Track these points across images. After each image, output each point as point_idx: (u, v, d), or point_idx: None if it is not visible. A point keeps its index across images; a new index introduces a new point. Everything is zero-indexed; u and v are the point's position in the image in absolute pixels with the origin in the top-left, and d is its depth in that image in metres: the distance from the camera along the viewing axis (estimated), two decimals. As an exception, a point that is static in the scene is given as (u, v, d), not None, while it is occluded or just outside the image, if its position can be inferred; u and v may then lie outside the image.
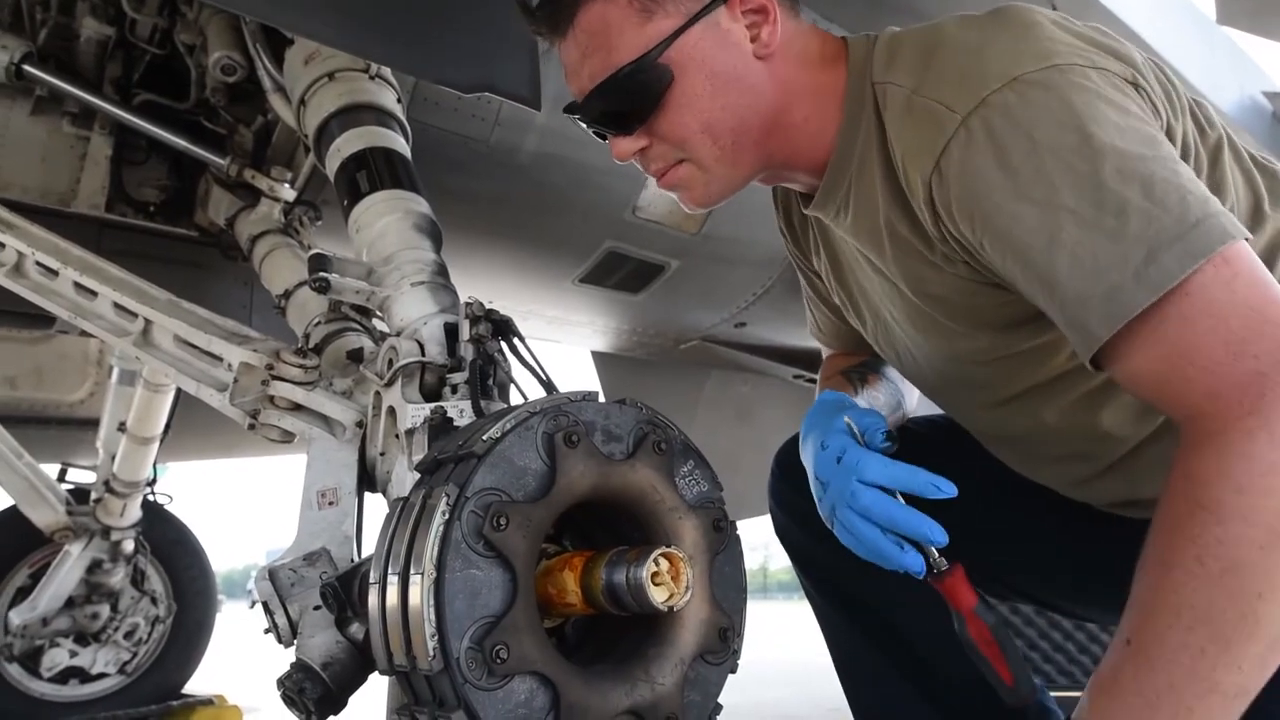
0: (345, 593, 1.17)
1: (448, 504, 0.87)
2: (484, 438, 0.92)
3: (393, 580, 0.89)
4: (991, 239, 0.91)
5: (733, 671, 1.03)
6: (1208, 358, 0.79)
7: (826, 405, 1.18)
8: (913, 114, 0.97)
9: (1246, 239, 0.82)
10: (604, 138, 1.13)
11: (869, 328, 1.28)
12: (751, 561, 1.12)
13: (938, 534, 0.98)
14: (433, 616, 0.84)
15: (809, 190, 1.17)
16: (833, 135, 1.08)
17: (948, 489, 0.98)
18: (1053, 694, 1.36)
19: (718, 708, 1.01)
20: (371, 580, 0.93)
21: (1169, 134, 0.94)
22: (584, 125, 1.13)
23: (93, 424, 3.62)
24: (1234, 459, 0.75)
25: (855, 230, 1.13)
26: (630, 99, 1.05)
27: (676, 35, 1.02)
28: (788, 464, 1.42)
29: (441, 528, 0.86)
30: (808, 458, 1.16)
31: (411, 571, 0.87)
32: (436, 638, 0.83)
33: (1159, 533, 0.79)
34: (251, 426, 1.50)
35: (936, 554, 1.00)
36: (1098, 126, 0.85)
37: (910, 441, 1.16)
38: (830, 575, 1.38)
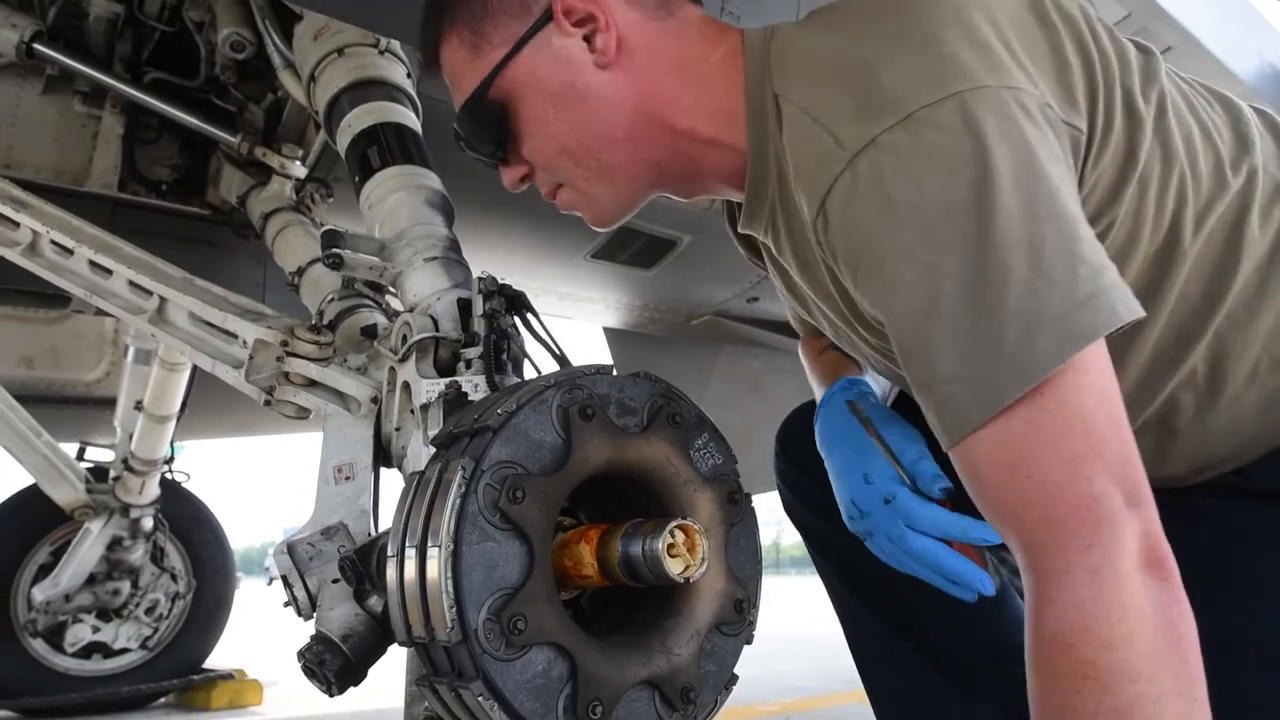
0: (363, 566, 1.19)
1: (464, 477, 0.87)
2: (499, 411, 0.92)
3: (410, 554, 0.90)
4: (871, 297, 0.85)
5: (748, 643, 1.03)
6: (1045, 474, 0.74)
7: (846, 396, 1.18)
8: (802, 138, 0.89)
9: (1138, 318, 0.77)
10: (495, 167, 1.11)
11: (830, 333, 1.21)
12: (764, 537, 1.12)
13: (987, 584, 0.98)
14: (450, 588, 0.85)
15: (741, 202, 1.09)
16: (740, 145, 1.00)
17: (995, 538, 0.94)
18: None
19: (733, 678, 1.02)
20: (389, 554, 0.94)
21: (1093, 129, 0.87)
22: (476, 159, 1.11)
23: (110, 403, 3.67)
24: (1089, 609, 0.70)
25: (791, 256, 1.05)
26: (480, 133, 1.05)
27: (501, 66, 1.00)
28: (790, 442, 1.41)
29: (458, 501, 0.86)
30: (840, 473, 1.12)
31: (429, 544, 0.88)
32: (454, 609, 0.84)
33: (1048, 701, 0.73)
34: (267, 403, 1.51)
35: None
36: (994, 178, 0.76)
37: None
38: (842, 554, 1.38)
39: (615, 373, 1.01)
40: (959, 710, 1.29)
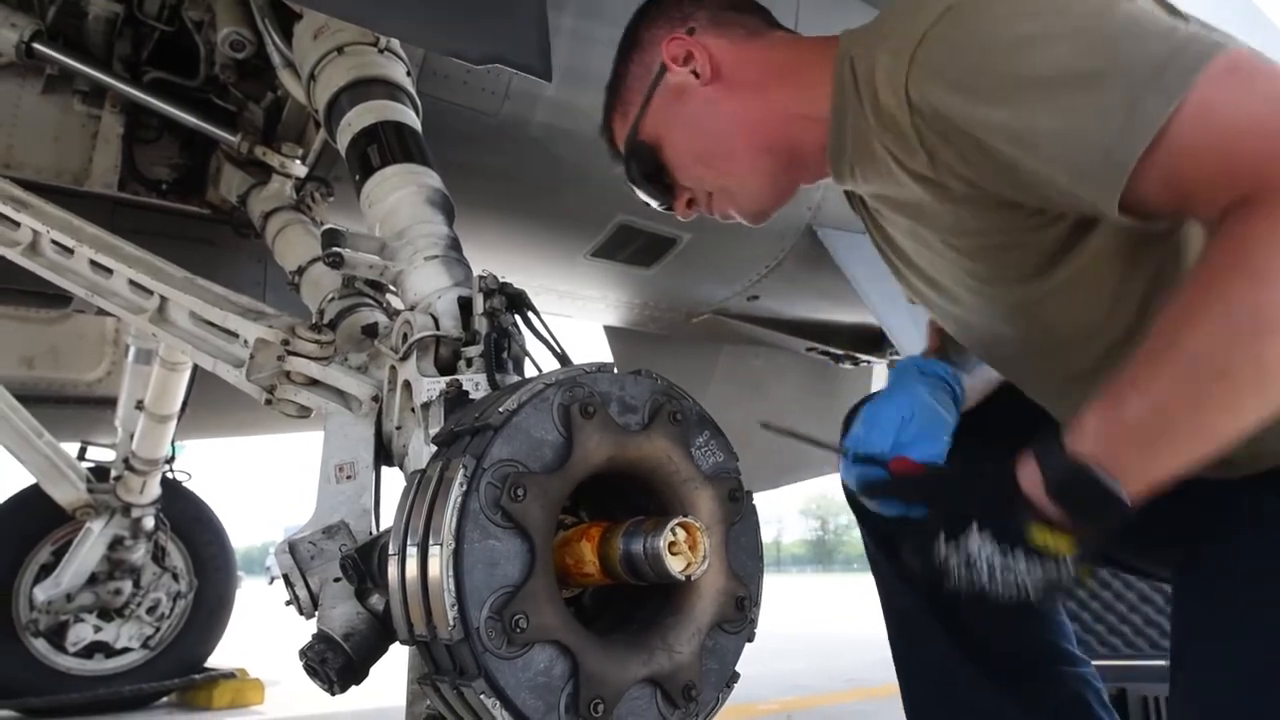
0: (365, 564, 1.19)
1: (465, 476, 0.87)
2: (500, 410, 0.92)
3: (412, 552, 0.90)
4: (987, 96, 0.90)
5: (750, 640, 1.03)
6: (1246, 151, 0.78)
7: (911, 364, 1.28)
8: (883, 46, 1.00)
9: (1245, 47, 0.83)
10: (670, 208, 1.32)
11: (923, 292, 1.28)
12: (765, 535, 1.12)
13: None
14: (452, 587, 0.85)
15: None
16: (828, 114, 1.13)
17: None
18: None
19: (735, 676, 1.02)
20: (391, 552, 0.94)
21: None
22: (655, 205, 1.33)
23: (111, 402, 3.66)
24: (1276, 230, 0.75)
25: (871, 187, 1.15)
26: (645, 173, 1.27)
27: (641, 114, 1.24)
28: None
29: (459, 499, 0.86)
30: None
31: (430, 543, 0.88)
32: (456, 607, 0.84)
33: (1188, 292, 0.81)
34: (268, 402, 1.51)
35: None
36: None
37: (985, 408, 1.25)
38: (893, 536, 1.38)
39: (616, 371, 1.01)
40: (989, 703, 1.30)
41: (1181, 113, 0.80)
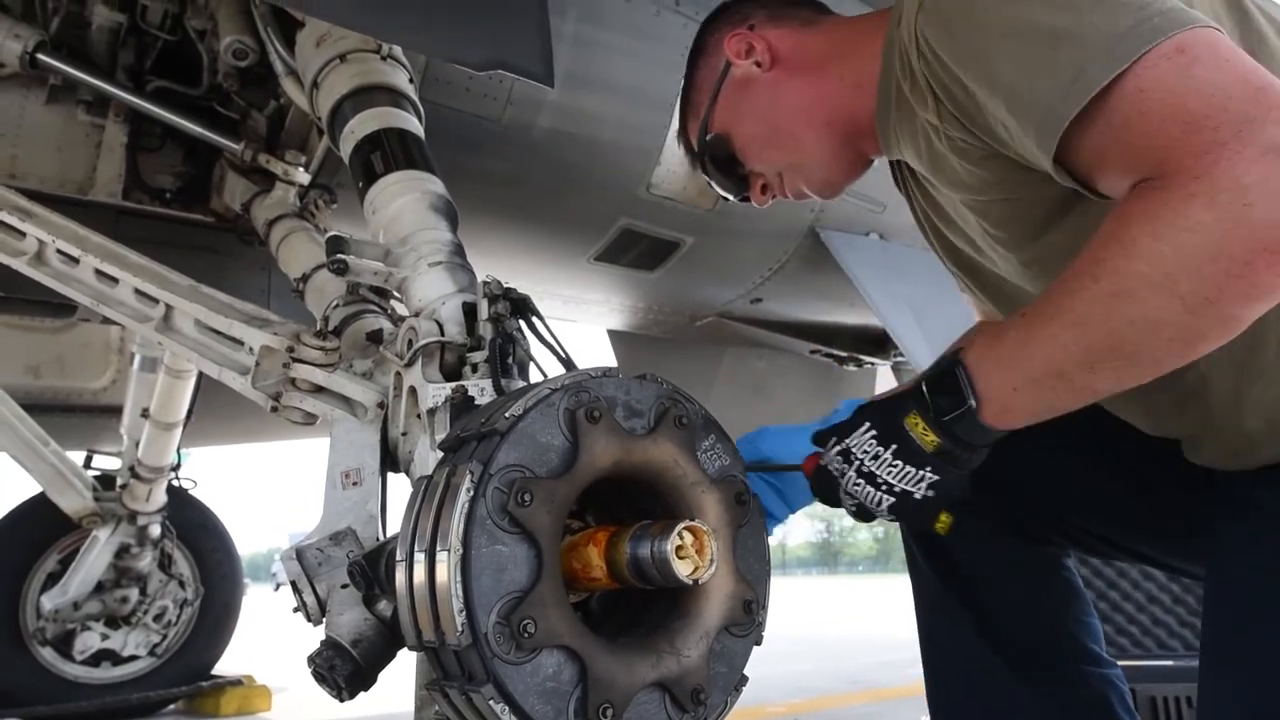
0: (372, 570, 1.19)
1: (472, 481, 0.87)
2: (506, 415, 0.92)
3: (419, 558, 0.90)
4: (967, 50, 0.93)
5: (758, 644, 1.03)
6: (1163, 134, 0.80)
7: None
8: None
9: (1214, 29, 0.83)
10: (746, 198, 1.38)
11: (978, 277, 1.30)
12: (771, 537, 1.13)
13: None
14: (460, 592, 0.85)
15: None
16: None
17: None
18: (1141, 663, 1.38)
19: (743, 679, 1.02)
20: (398, 558, 0.94)
21: None
22: (733, 199, 1.40)
23: (116, 411, 3.67)
24: (1163, 211, 0.79)
25: (909, 149, 1.16)
26: (721, 166, 1.34)
27: (711, 108, 1.31)
28: None
29: (466, 505, 0.87)
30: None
31: (438, 549, 0.88)
32: (464, 613, 0.84)
33: (1083, 251, 0.87)
34: (274, 409, 1.51)
35: None
36: None
37: None
38: (937, 543, 1.39)
39: (621, 375, 1.01)
40: (1011, 696, 1.31)
41: (1120, 84, 0.82)
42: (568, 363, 1.30)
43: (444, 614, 0.86)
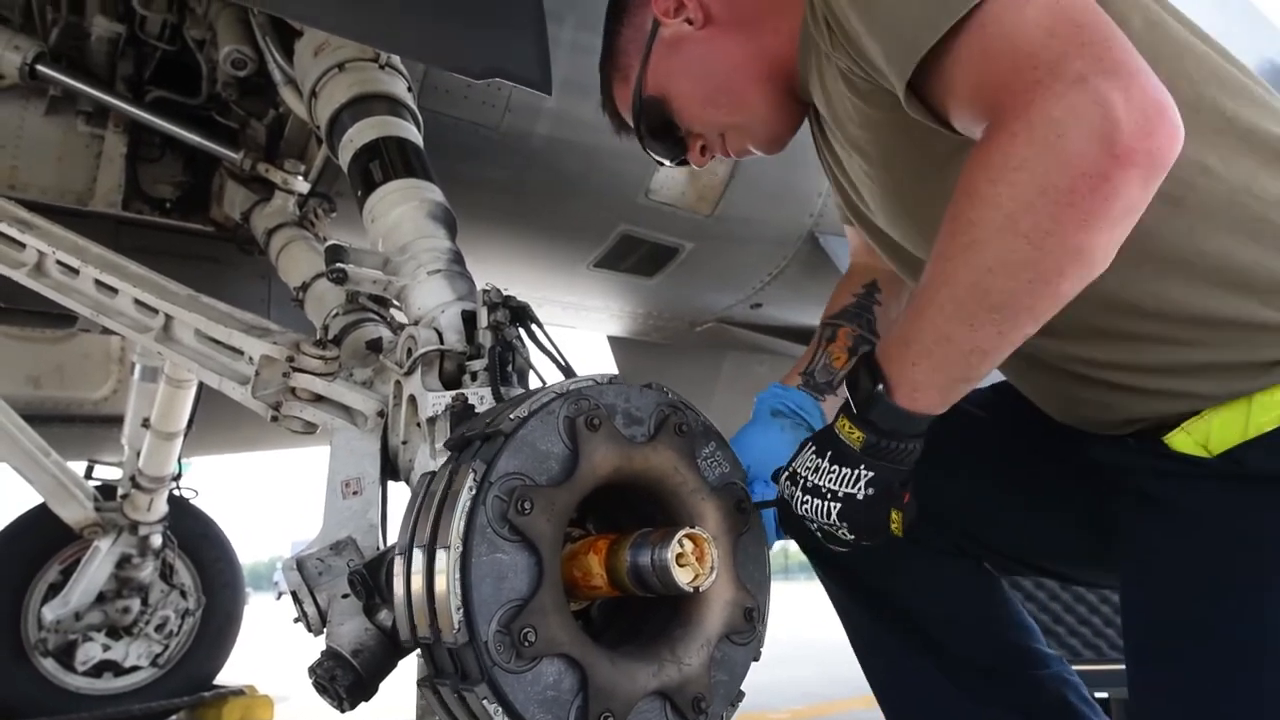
0: (373, 580, 1.18)
1: (474, 480, 0.87)
2: (511, 417, 0.92)
3: (418, 554, 0.90)
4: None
5: (756, 659, 1.03)
6: (996, 75, 0.83)
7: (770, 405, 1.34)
8: None
9: None
10: (684, 162, 1.35)
11: (858, 208, 1.29)
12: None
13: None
14: (458, 590, 0.84)
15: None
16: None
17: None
18: (1076, 667, 1.36)
19: (740, 695, 1.01)
20: (397, 551, 0.94)
21: None
22: (668, 163, 1.37)
23: (117, 421, 3.67)
24: (992, 154, 0.82)
25: (816, 91, 1.16)
26: (656, 130, 1.31)
27: (643, 72, 1.26)
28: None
29: (468, 503, 0.86)
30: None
31: (437, 546, 0.87)
32: (461, 610, 0.84)
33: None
34: (274, 419, 1.51)
35: None
36: None
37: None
38: (838, 559, 1.37)
39: (621, 383, 1.01)
40: (966, 712, 1.28)
41: (972, 18, 0.84)
42: (567, 370, 1.30)
43: (440, 611, 0.86)
